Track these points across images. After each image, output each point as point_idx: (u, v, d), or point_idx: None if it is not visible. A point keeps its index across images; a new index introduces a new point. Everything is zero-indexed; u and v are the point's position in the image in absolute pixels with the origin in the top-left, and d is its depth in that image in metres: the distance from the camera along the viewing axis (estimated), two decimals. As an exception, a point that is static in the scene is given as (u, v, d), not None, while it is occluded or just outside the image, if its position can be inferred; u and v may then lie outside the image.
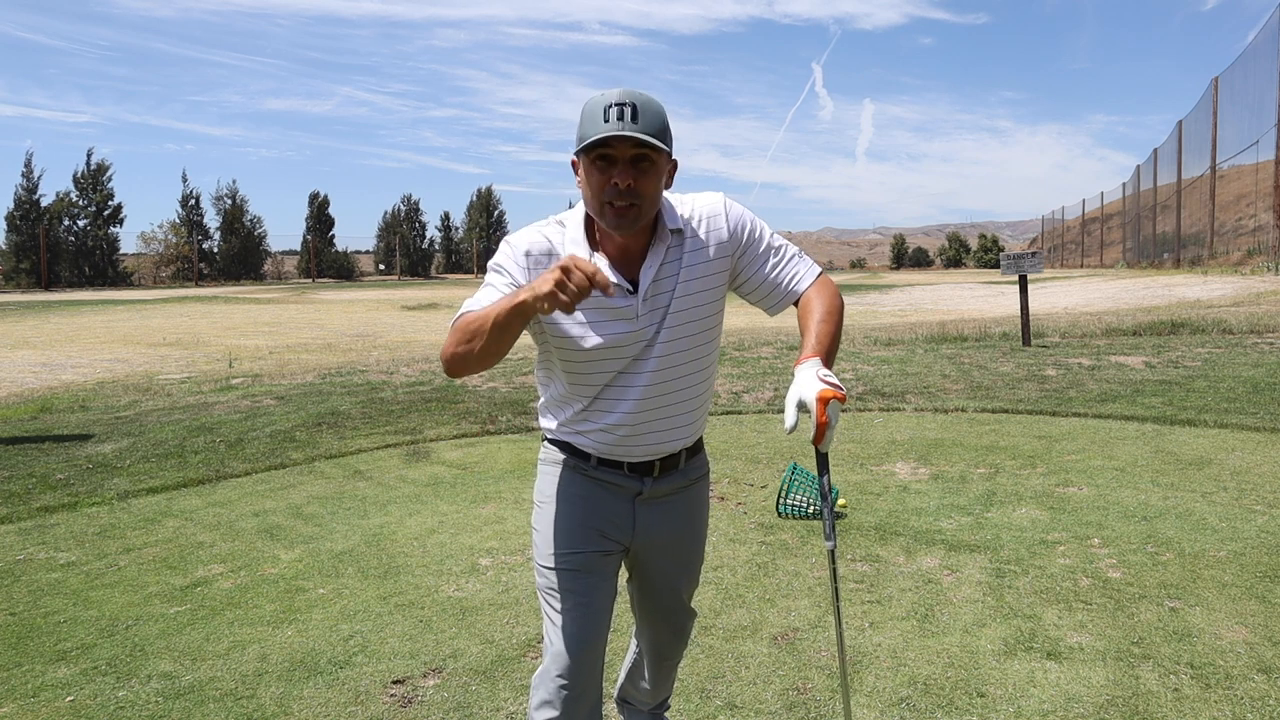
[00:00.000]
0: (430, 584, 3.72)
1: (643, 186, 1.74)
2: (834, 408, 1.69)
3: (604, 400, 1.90)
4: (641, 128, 1.71)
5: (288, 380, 9.52)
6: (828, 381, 1.71)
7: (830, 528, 1.86)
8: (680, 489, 2.04)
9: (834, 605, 1.92)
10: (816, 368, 1.74)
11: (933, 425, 6.53)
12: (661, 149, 1.75)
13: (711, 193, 1.95)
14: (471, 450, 6.22)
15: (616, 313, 1.83)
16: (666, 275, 1.86)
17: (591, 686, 1.93)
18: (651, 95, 1.78)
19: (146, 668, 3.02)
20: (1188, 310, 13.34)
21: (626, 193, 1.73)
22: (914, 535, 4.13)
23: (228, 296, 32.21)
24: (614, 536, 1.98)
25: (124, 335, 16.41)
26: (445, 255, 66.84)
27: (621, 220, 1.76)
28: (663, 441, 1.95)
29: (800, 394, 1.71)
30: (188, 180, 66.23)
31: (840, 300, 1.90)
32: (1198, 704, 2.59)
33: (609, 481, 1.97)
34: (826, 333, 1.82)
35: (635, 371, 1.87)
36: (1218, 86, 26.47)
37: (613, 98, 1.73)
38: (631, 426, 1.90)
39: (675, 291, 1.86)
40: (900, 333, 12.16)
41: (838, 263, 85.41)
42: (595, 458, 1.96)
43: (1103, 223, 49.47)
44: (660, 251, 1.84)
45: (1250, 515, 4.21)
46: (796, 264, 1.94)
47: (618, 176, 1.73)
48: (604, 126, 1.71)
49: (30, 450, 6.40)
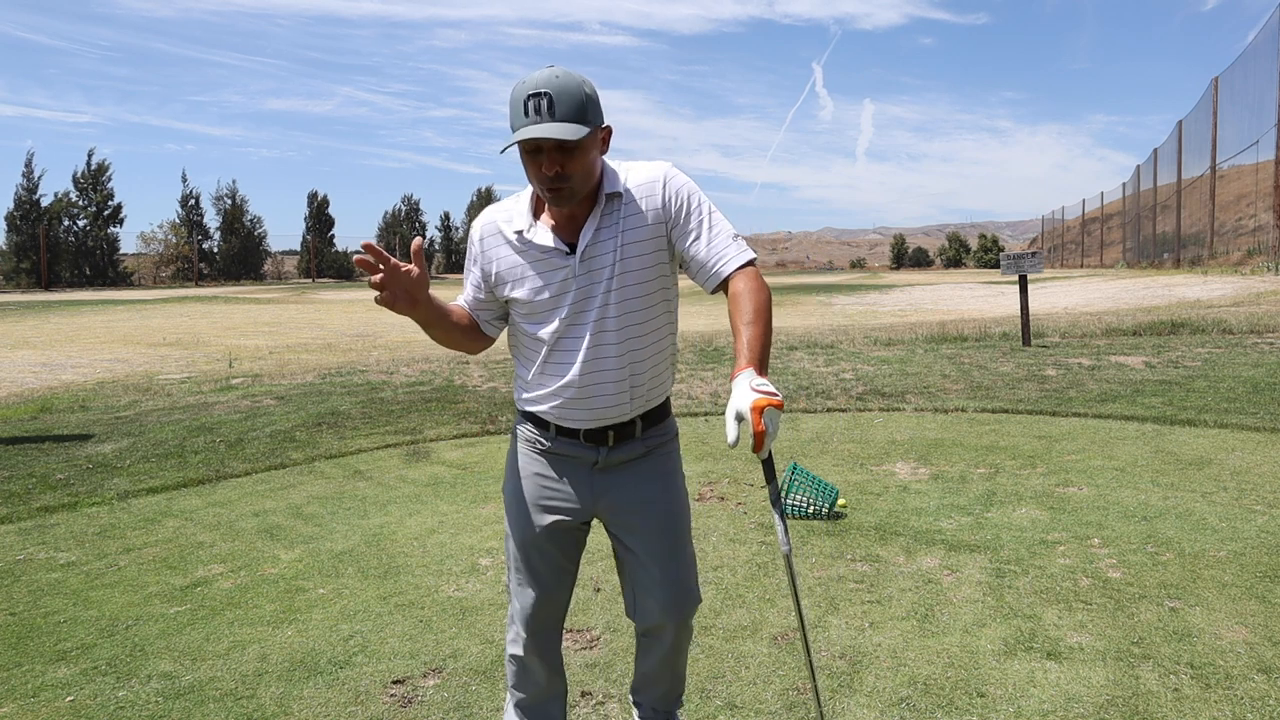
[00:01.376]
0: (430, 584, 3.72)
1: (570, 168, 1.86)
2: (770, 415, 1.69)
3: (552, 364, 2.02)
4: (560, 116, 1.80)
5: (288, 380, 9.52)
6: (762, 391, 1.72)
7: (784, 533, 1.88)
8: (638, 456, 2.11)
9: (796, 609, 1.97)
10: (750, 379, 1.75)
11: (933, 425, 6.53)
12: (579, 138, 1.81)
13: (659, 161, 2.03)
14: (471, 450, 6.22)
15: (555, 271, 1.97)
16: (605, 238, 1.96)
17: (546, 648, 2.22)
18: (571, 73, 1.85)
19: (146, 668, 3.02)
20: (1188, 310, 13.34)
21: (555, 178, 1.85)
22: (914, 535, 4.13)
23: (228, 296, 32.21)
24: (568, 510, 2.11)
25: (124, 335, 16.42)
26: (445, 255, 66.91)
27: (558, 198, 1.90)
28: (611, 405, 2.02)
29: (737, 406, 1.73)
30: (187, 180, 66.28)
31: (767, 295, 1.91)
32: (1198, 704, 2.59)
33: (565, 454, 2.08)
34: (755, 336, 1.83)
35: (577, 333, 1.98)
36: (1218, 86, 26.47)
37: (530, 87, 1.81)
38: (579, 388, 2.00)
39: (615, 254, 1.96)
40: (900, 333, 12.16)
41: (838, 263, 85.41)
42: (554, 426, 2.07)
43: (1103, 223, 49.47)
44: (597, 215, 1.96)
45: (1250, 515, 4.21)
46: (727, 246, 1.97)
47: (545, 165, 1.85)
48: (524, 121, 1.82)
49: (30, 450, 6.40)
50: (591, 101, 1.85)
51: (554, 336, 1.99)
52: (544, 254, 1.98)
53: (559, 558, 2.16)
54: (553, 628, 2.23)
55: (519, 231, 1.99)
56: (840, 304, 24.21)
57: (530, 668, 2.24)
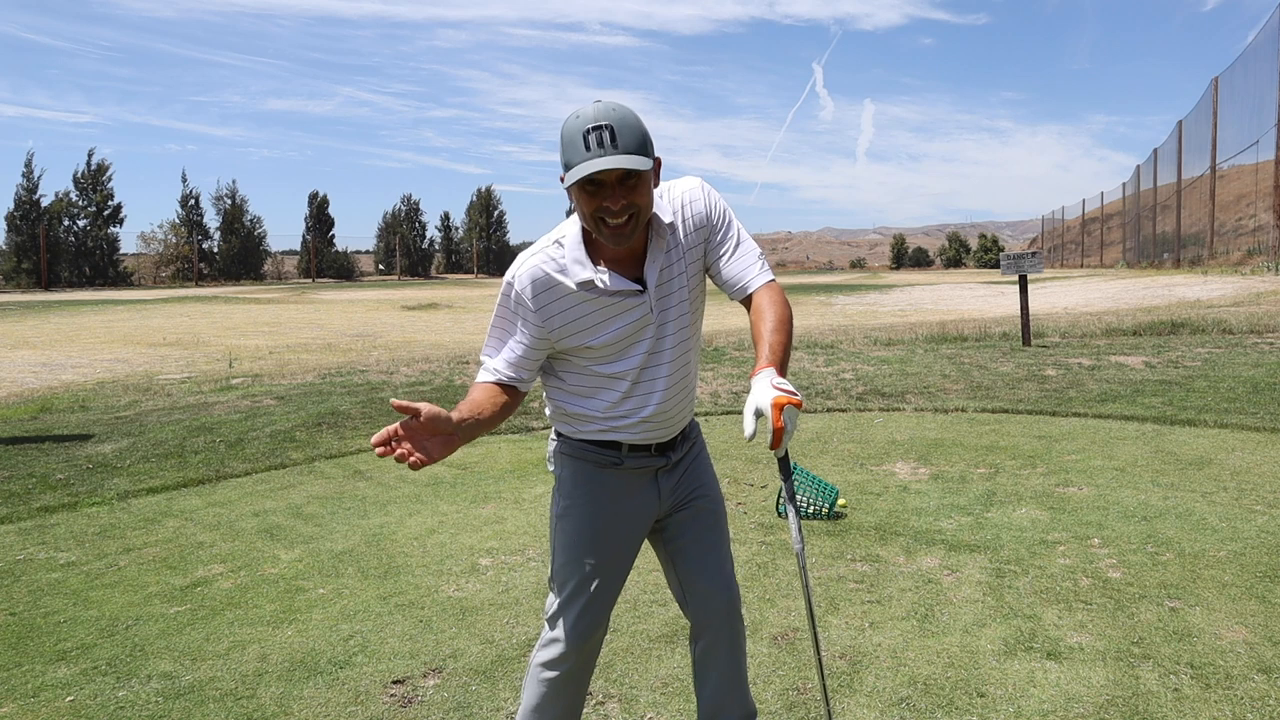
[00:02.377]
0: (430, 584, 3.72)
1: (636, 199, 1.82)
2: (789, 413, 1.73)
3: (637, 396, 2.02)
4: (623, 148, 1.77)
5: (288, 380, 9.52)
6: (782, 389, 1.75)
7: (797, 530, 1.92)
8: (688, 450, 2.19)
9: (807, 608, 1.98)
10: (771, 377, 1.79)
11: (933, 425, 6.53)
12: (648, 167, 1.80)
13: (689, 178, 2.05)
14: (471, 450, 6.22)
15: (630, 312, 1.95)
16: (673, 273, 1.98)
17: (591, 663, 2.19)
18: (625, 106, 1.82)
19: (146, 668, 3.02)
20: (1188, 310, 13.34)
21: (623, 210, 1.81)
22: (914, 535, 4.12)
23: (228, 296, 32.21)
24: (645, 518, 2.13)
25: (124, 335, 16.42)
26: (445, 255, 66.89)
27: (619, 236, 1.84)
28: (683, 417, 2.11)
29: (756, 402, 1.76)
30: (187, 180, 66.21)
31: (789, 311, 1.96)
32: (1198, 704, 2.59)
33: (635, 467, 2.09)
34: (779, 343, 1.88)
35: (657, 363, 2.01)
36: (1218, 86, 26.47)
37: (588, 119, 1.78)
38: (665, 412, 2.05)
39: (684, 283, 2.00)
40: (900, 333, 12.16)
41: (838, 263, 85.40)
42: (626, 446, 2.07)
43: (1103, 223, 49.48)
44: (661, 247, 1.95)
45: (1250, 515, 4.21)
46: (753, 263, 2.02)
47: (609, 200, 1.80)
48: (585, 155, 1.77)
49: (30, 450, 6.40)
50: (647, 134, 1.84)
51: (636, 371, 2.00)
52: (616, 298, 1.94)
53: (626, 569, 2.17)
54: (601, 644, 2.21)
55: (585, 282, 1.92)
56: (840, 304, 24.22)
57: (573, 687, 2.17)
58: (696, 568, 2.14)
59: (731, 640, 2.17)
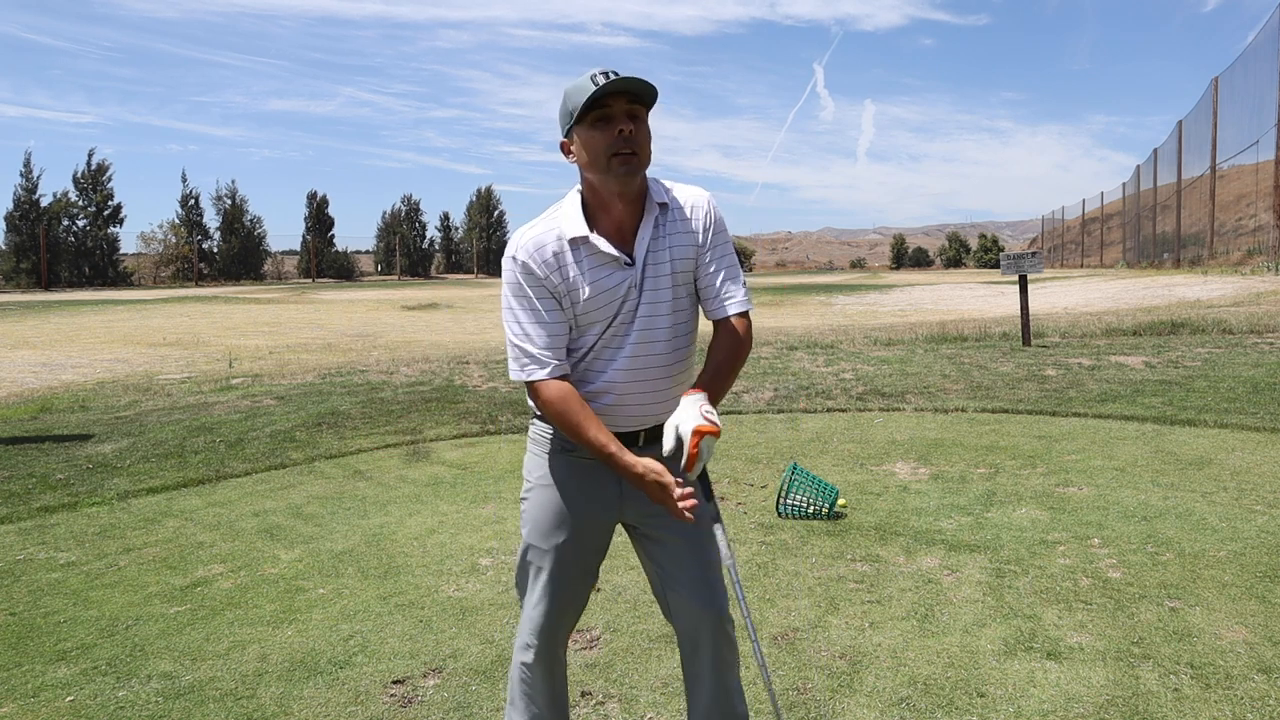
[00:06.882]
0: (430, 584, 3.72)
1: (639, 135, 1.91)
2: (707, 442, 1.85)
3: (591, 371, 2.03)
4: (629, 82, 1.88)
5: (288, 380, 9.52)
6: (708, 417, 1.86)
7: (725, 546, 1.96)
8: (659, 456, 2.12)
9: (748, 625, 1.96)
10: (701, 402, 1.89)
11: (933, 425, 6.53)
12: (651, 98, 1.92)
13: (699, 188, 2.10)
14: (471, 450, 6.22)
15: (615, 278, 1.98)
16: (660, 247, 2.01)
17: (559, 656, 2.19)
18: None
19: (146, 668, 3.02)
20: (1188, 310, 13.34)
21: (629, 139, 1.89)
22: (914, 535, 4.12)
23: (228, 296, 32.21)
24: (598, 515, 2.11)
25: (124, 335, 16.42)
26: (445, 255, 66.85)
27: (628, 168, 1.90)
28: (644, 413, 2.06)
29: (678, 423, 1.87)
30: (187, 180, 66.11)
31: (748, 351, 2.06)
32: (1198, 704, 2.59)
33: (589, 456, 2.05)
34: (724, 374, 2.00)
35: (620, 338, 2.00)
36: (1218, 86, 26.46)
37: (592, 71, 1.90)
38: (618, 395, 2.03)
39: (670, 263, 2.01)
40: (900, 333, 12.17)
41: (838, 262, 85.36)
42: None
43: (1103, 223, 49.47)
44: (651, 222, 2.00)
45: (1250, 515, 4.21)
46: (738, 288, 2.07)
47: (620, 125, 1.89)
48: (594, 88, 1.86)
49: (30, 450, 6.40)
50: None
51: (598, 343, 2.01)
52: (604, 261, 1.97)
53: (589, 561, 2.15)
54: (566, 636, 2.20)
55: (579, 238, 1.95)
56: (840, 304, 24.22)
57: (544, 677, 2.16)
58: (671, 579, 2.08)
59: (715, 654, 2.09)
